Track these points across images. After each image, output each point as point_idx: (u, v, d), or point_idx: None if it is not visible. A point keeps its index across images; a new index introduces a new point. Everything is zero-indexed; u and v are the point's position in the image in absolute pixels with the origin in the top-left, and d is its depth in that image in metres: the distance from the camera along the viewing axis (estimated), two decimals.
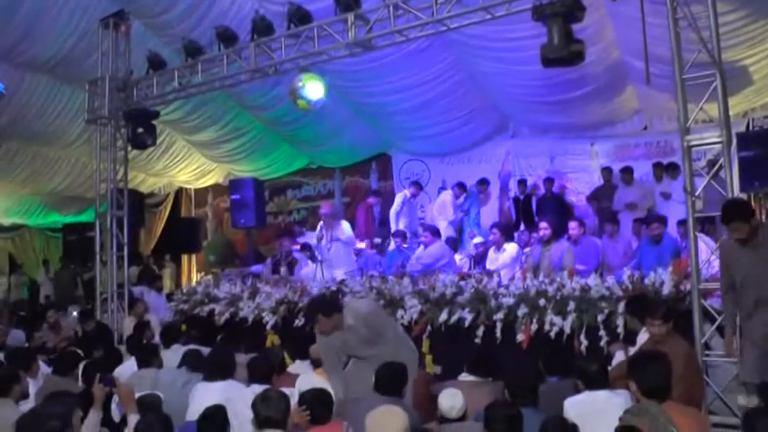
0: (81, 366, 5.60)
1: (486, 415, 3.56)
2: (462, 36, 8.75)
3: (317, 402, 3.98)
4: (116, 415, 4.73)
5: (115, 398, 4.49)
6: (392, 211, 11.07)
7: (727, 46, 7.29)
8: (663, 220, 8.05)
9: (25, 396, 4.77)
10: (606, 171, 10.83)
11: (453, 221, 10.90)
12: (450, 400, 4.19)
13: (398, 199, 11.26)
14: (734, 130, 6.48)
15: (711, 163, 6.06)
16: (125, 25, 8.96)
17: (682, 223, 7.74)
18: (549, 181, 11.07)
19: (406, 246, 9.60)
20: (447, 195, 11.12)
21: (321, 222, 9.02)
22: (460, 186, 11.22)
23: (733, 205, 4.68)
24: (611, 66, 9.32)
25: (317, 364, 5.37)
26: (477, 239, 9.69)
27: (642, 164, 10.82)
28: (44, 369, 6.07)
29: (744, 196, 9.11)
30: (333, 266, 8.50)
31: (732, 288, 4.65)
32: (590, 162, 11.52)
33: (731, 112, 5.85)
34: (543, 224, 7.94)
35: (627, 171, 10.33)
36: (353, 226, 10.26)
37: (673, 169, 9.74)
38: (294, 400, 4.07)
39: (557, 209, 10.46)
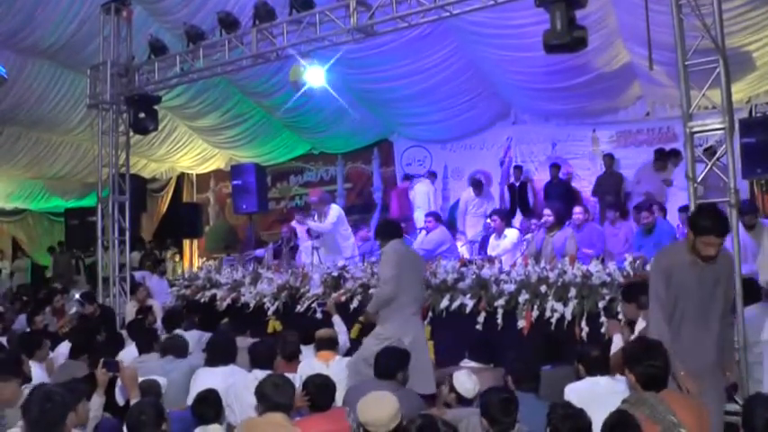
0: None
1: (482, 401, 3.58)
2: (464, 22, 8.71)
3: (319, 389, 4.02)
4: (120, 400, 4.77)
5: (119, 382, 4.52)
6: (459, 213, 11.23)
7: (731, 32, 7.27)
8: (651, 208, 7.99)
9: (28, 380, 4.80)
10: (608, 158, 10.80)
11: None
12: (470, 380, 4.30)
13: (463, 199, 11.35)
14: (736, 116, 6.48)
15: (711, 150, 6.06)
16: (126, 10, 8.92)
17: (683, 209, 7.74)
18: (555, 167, 11.04)
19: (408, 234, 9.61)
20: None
21: (312, 210, 9.00)
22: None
23: (724, 218, 3.97)
24: (613, 52, 9.28)
25: (319, 346, 5.41)
26: (489, 219, 9.70)
27: (644, 150, 10.81)
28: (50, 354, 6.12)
29: (746, 183, 9.15)
30: (329, 252, 8.48)
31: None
32: (592, 148, 11.51)
33: (734, 99, 5.83)
34: (547, 211, 7.94)
35: (660, 158, 9.99)
36: (387, 212, 10.26)
37: (674, 155, 9.72)
38: (296, 385, 4.11)
39: (563, 195, 10.43)
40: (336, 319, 6.31)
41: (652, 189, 9.87)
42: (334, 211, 8.82)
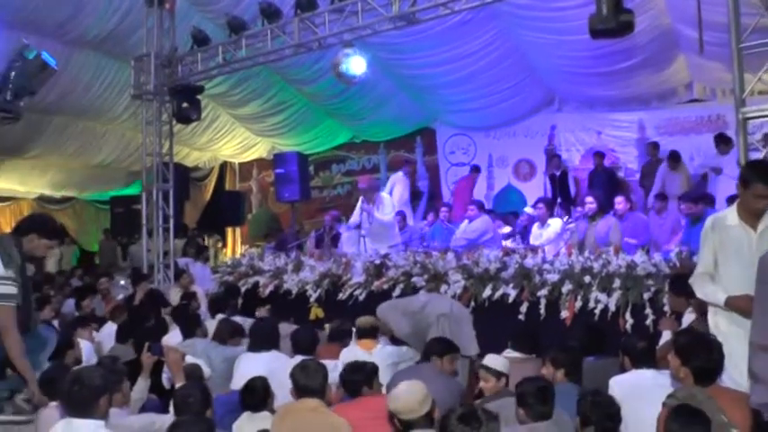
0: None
1: (518, 390, 3.54)
2: (507, 6, 8.57)
3: (353, 375, 4.02)
4: (166, 383, 4.85)
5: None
6: None
7: None
8: (697, 200, 7.73)
9: (78, 362, 4.91)
10: (652, 146, 10.54)
11: None
12: (499, 358, 4.30)
13: None
14: None
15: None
16: (169, 2, 9.01)
17: (732, 199, 7.52)
18: (598, 155, 10.81)
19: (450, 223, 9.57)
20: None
21: (361, 197, 8.94)
22: None
23: None
24: (661, 34, 9.05)
25: (360, 334, 5.40)
26: (528, 209, 9.56)
27: (693, 139, 10.54)
28: (96, 336, 6.27)
29: None
30: (375, 241, 8.46)
31: None
32: (638, 136, 11.26)
33: None
34: (589, 198, 7.80)
35: (674, 157, 9.76)
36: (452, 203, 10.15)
37: (724, 143, 9.41)
38: (338, 372, 4.13)
39: (606, 183, 10.22)
40: None
41: (676, 190, 9.26)
42: (389, 200, 8.78)
